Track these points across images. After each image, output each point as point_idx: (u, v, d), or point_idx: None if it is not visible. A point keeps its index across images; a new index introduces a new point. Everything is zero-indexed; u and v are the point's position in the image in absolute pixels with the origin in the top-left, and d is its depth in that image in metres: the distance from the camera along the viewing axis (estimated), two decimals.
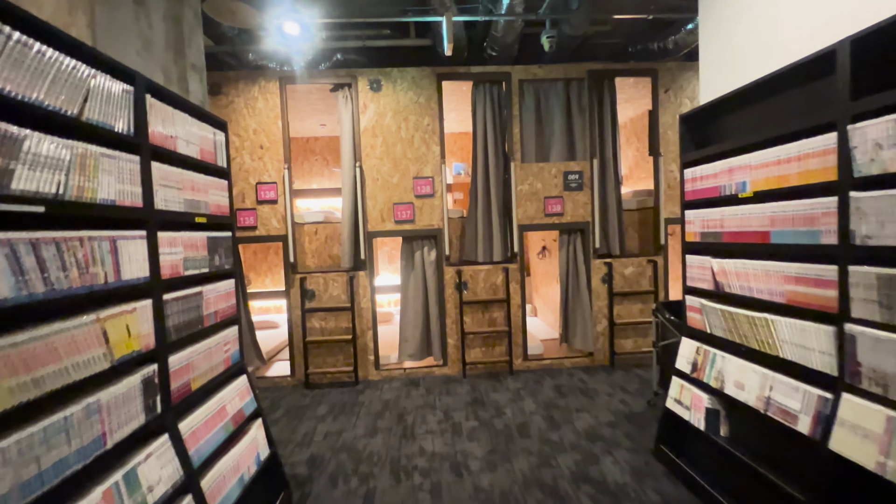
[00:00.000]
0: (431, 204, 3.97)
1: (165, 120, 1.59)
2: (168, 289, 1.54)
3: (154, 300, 1.45)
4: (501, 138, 4.03)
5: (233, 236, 2.06)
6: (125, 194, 1.35)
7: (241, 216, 3.84)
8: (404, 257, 4.04)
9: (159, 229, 1.49)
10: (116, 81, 1.34)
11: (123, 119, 1.37)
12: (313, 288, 3.91)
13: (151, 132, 1.49)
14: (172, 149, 1.62)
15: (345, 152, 3.89)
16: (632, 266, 4.11)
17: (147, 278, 1.43)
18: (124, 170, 1.35)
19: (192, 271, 1.69)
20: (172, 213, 1.59)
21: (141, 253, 1.40)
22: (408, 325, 4.02)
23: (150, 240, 1.44)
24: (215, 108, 3.79)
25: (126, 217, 1.36)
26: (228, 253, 2.02)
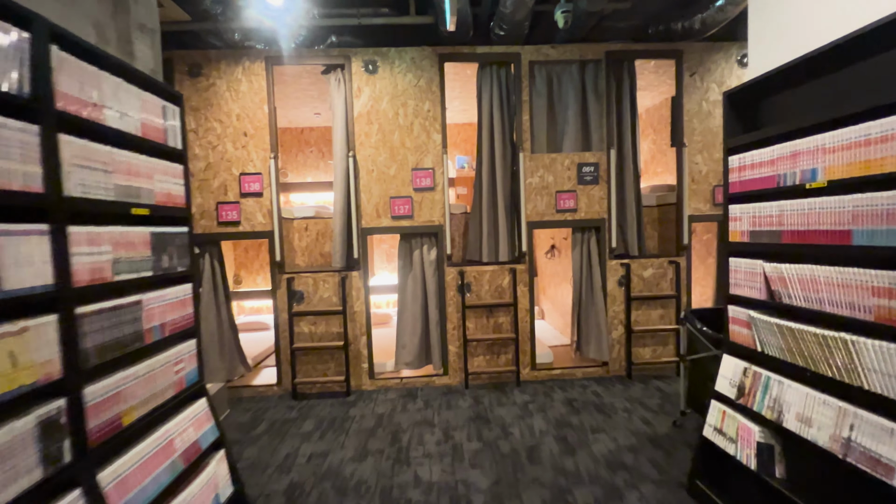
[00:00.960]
0: (432, 198, 3.61)
1: (86, 82, 1.24)
2: (84, 299, 1.20)
3: (61, 315, 1.11)
4: (509, 126, 3.67)
5: (190, 232, 1.71)
6: (13, 175, 1.01)
7: (223, 210, 3.50)
8: (402, 256, 3.69)
9: (71, 223, 1.15)
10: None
11: (11, 75, 1.02)
12: (302, 289, 3.58)
13: (60, 95, 1.15)
14: (97, 120, 1.28)
15: (337, 140, 3.54)
16: (651, 268, 3.74)
17: (50, 287, 1.08)
18: (12, 142, 1.01)
19: (126, 276, 1.35)
20: (95, 202, 1.25)
21: (40, 254, 1.06)
22: (405, 331, 3.67)
23: (55, 236, 1.10)
24: (195, 92, 3.45)
25: (12, 205, 1.02)
26: (184, 252, 1.68)
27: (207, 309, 3.52)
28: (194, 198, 3.49)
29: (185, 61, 3.43)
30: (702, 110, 3.72)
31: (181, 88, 3.43)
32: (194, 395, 1.69)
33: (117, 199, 1.32)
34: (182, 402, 1.60)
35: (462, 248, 3.89)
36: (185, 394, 1.62)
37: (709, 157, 3.74)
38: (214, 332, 3.56)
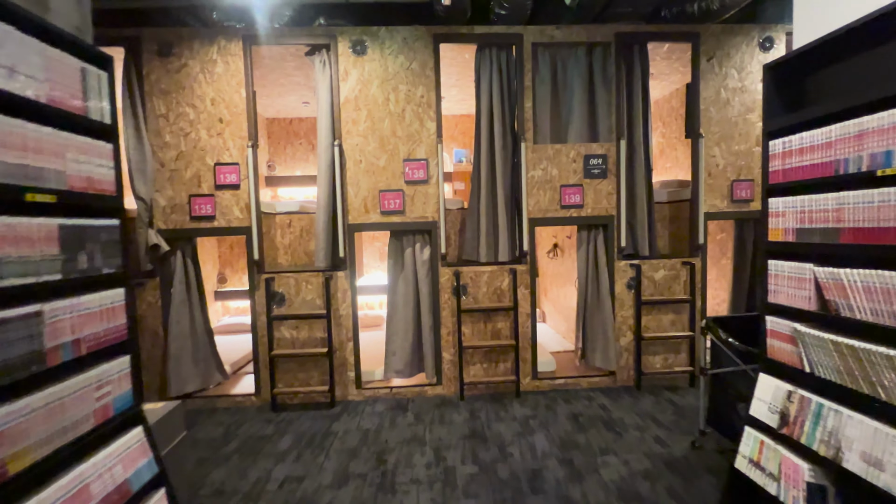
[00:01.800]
0: (425, 192, 3.31)
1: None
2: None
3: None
4: (510, 114, 3.36)
5: (121, 226, 1.41)
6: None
7: (197, 203, 3.19)
8: (392, 255, 3.39)
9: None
10: None
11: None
12: (283, 290, 3.27)
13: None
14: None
15: (321, 128, 3.24)
16: (663, 269, 3.45)
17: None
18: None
19: (15, 280, 1.05)
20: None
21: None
22: (396, 337, 3.38)
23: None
24: (165, 73, 3.14)
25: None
26: (113, 250, 1.38)
27: (179, 312, 3.22)
28: (165, 190, 3.18)
29: (154, 40, 3.12)
30: (719, 98, 3.42)
31: (150, 70, 3.12)
32: (126, 424, 1.40)
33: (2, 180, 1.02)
34: (107, 435, 1.31)
35: (458, 247, 3.59)
36: (113, 424, 1.33)
37: (726, 149, 3.44)
38: (187, 336, 3.26)
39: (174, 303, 3.20)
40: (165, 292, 3.21)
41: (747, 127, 3.44)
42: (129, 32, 3.09)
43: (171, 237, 3.19)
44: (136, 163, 3.08)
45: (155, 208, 3.18)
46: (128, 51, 3.09)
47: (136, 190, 3.08)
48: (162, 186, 3.18)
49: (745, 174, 3.45)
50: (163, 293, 3.21)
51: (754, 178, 3.45)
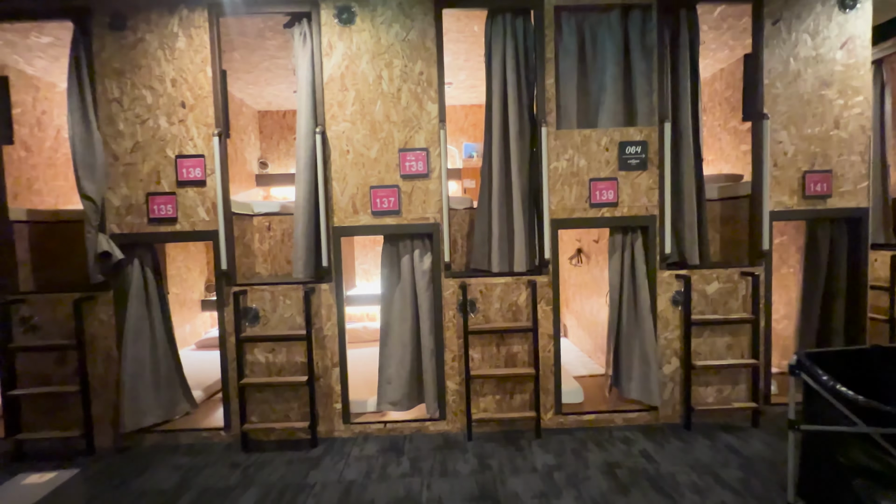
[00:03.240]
0: (425, 188, 2.75)
1: None
2: None
3: None
4: (528, 94, 2.79)
5: None
6: None
7: (155, 203, 2.70)
8: (386, 264, 2.84)
9: None
10: None
11: None
12: (256, 306, 2.76)
13: None
14: None
15: (301, 114, 2.71)
16: (717, 281, 2.81)
17: None
18: None
19: None
20: None
21: None
22: (391, 361, 2.82)
23: None
24: (118, 50, 2.66)
25: None
26: None
27: (136, 331, 2.73)
28: (118, 187, 2.70)
29: (106, 11, 2.64)
30: (788, 71, 2.77)
31: (102, 46, 2.65)
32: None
33: None
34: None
35: (466, 254, 3.01)
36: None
37: (797, 133, 2.79)
38: (145, 360, 2.76)
39: (129, 320, 2.71)
40: (121, 308, 2.72)
41: (823, 106, 2.79)
42: (78, 2, 2.63)
43: (127, 243, 2.70)
44: (83, 156, 2.60)
45: (107, 209, 2.70)
46: (76, 24, 2.63)
47: (83, 188, 2.61)
48: (115, 183, 2.70)
49: (821, 164, 2.80)
50: (117, 309, 2.73)
51: (832, 168, 2.79)
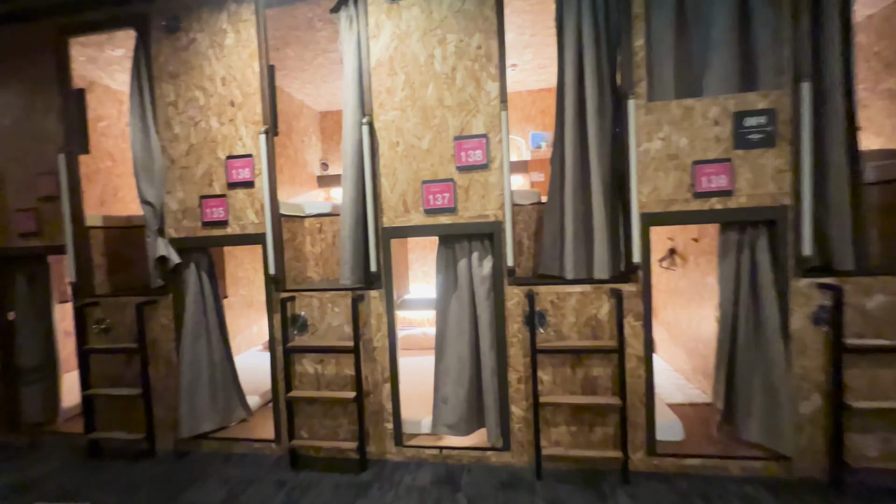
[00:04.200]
0: (484, 181, 2.37)
1: None
2: None
3: None
4: (609, 62, 2.28)
5: None
6: None
7: (208, 206, 2.64)
8: (441, 269, 2.50)
9: None
10: None
11: None
12: (305, 314, 2.58)
13: None
14: None
15: (347, 103, 2.48)
16: (882, 293, 2.07)
17: None
18: None
19: None
20: None
21: None
22: (446, 379, 2.48)
23: None
24: (173, 53, 2.63)
25: None
26: None
27: (193, 336, 2.70)
28: (175, 191, 2.69)
29: (161, 15, 2.63)
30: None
31: (159, 50, 2.65)
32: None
33: None
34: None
35: (533, 258, 2.58)
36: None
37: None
38: (203, 364, 2.73)
39: (186, 325, 2.68)
40: (179, 312, 2.71)
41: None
42: (138, 9, 2.65)
43: (184, 247, 2.68)
44: (142, 161, 2.62)
45: (166, 213, 2.70)
46: (137, 31, 2.65)
47: (143, 193, 2.62)
48: (173, 187, 2.69)
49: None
50: (176, 313, 2.72)
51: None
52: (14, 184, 2.87)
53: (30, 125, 2.81)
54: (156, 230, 2.65)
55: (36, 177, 2.82)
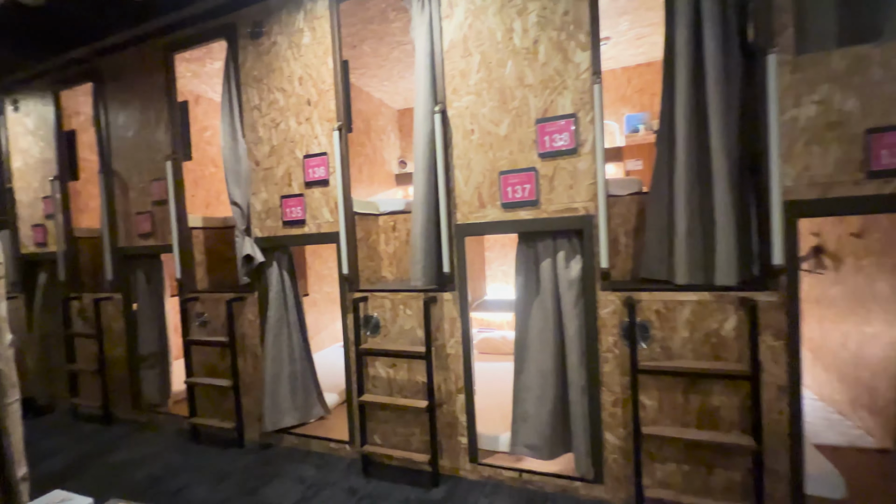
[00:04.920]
0: (572, 168, 2.04)
1: None
2: None
3: None
4: (737, 8, 1.80)
5: None
6: None
7: (287, 206, 2.68)
8: (521, 270, 2.22)
9: None
10: None
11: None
12: (377, 315, 2.49)
13: None
14: None
15: (419, 91, 2.31)
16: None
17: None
18: None
19: None
20: None
21: None
22: (527, 394, 2.20)
23: None
24: (257, 58, 2.71)
25: None
26: None
27: (275, 333, 2.77)
28: (259, 192, 2.77)
29: (246, 22, 2.73)
30: None
31: (245, 57, 2.75)
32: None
33: None
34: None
35: (632, 258, 2.18)
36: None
37: None
38: (284, 360, 2.79)
39: (269, 321, 2.76)
40: (263, 309, 2.81)
41: None
42: (226, 20, 2.78)
43: (267, 246, 2.76)
44: (230, 164, 2.74)
45: (252, 213, 2.80)
46: (227, 41, 2.79)
47: (231, 194, 2.75)
48: (257, 188, 2.78)
49: None
50: (261, 310, 2.82)
51: None
52: (135, 190, 3.22)
53: (145, 136, 3.13)
54: (243, 230, 2.76)
55: (150, 183, 3.13)
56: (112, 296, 3.38)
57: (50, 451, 2.96)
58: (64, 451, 2.93)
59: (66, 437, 3.18)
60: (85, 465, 2.74)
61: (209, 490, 2.36)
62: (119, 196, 3.29)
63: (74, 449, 2.97)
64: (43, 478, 2.60)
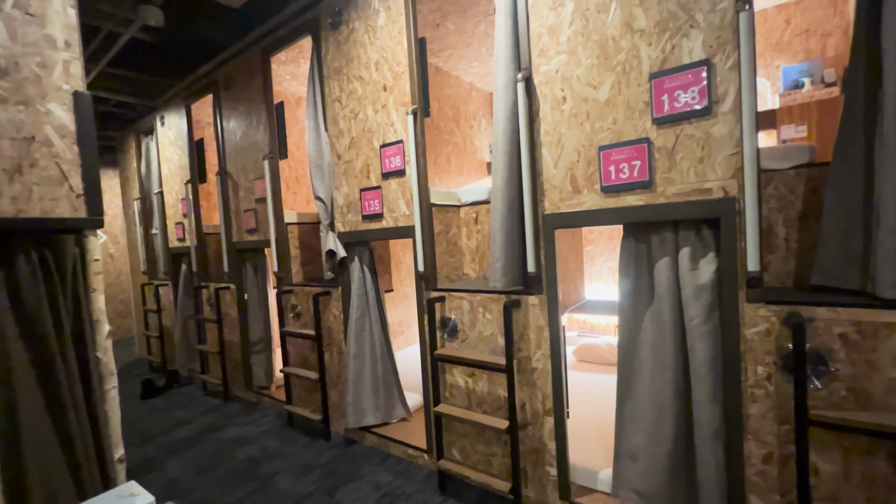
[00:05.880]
0: (703, 135, 1.50)
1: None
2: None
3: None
4: None
5: None
6: None
7: (366, 199, 2.58)
8: (629, 272, 1.75)
9: None
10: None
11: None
12: (454, 318, 2.24)
13: None
14: None
15: (499, 59, 1.96)
16: None
17: None
18: None
19: None
20: None
21: None
22: (635, 427, 1.74)
23: None
24: (337, 49, 2.65)
25: None
26: None
27: (358, 329, 2.72)
28: (341, 186, 2.73)
29: (327, 13, 2.68)
30: None
31: (327, 50, 2.71)
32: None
33: None
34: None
35: (796, 256, 1.55)
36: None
37: None
38: (366, 358, 2.73)
39: (351, 318, 2.72)
40: (346, 305, 2.78)
41: None
42: (310, 14, 2.77)
43: (348, 241, 2.71)
44: (314, 158, 2.74)
45: (335, 208, 2.78)
46: (312, 36, 2.78)
47: (315, 189, 2.75)
48: (339, 182, 2.74)
49: None
50: (345, 306, 2.80)
51: None
52: (243, 189, 3.48)
53: (249, 138, 3.34)
54: (327, 224, 2.76)
55: (253, 182, 3.34)
56: (229, 286, 3.74)
57: (181, 420, 3.39)
58: (191, 423, 3.32)
59: (195, 408, 3.62)
60: (204, 438, 3.05)
61: (293, 482, 2.39)
62: (231, 195, 3.60)
63: (198, 421, 3.34)
64: (174, 444, 2.96)
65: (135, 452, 2.90)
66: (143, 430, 3.25)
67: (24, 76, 1.42)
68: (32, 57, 1.44)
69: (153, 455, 2.84)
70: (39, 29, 1.47)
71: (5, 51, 1.38)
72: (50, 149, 1.47)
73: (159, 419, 3.45)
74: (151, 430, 3.24)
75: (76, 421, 1.51)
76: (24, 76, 1.42)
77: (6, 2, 1.40)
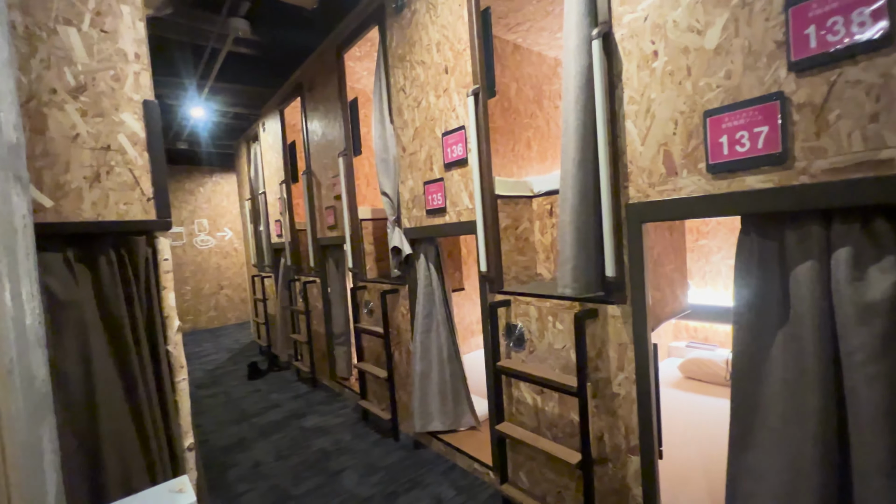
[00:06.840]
0: (881, 76, 0.99)
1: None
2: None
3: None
4: None
5: None
6: None
7: (429, 192, 2.42)
8: (749, 278, 1.29)
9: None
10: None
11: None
12: (522, 325, 1.96)
13: None
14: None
15: (569, 11, 1.60)
16: None
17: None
18: None
19: None
20: None
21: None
22: (758, 486, 1.29)
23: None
24: (401, 34, 2.51)
25: None
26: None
27: (424, 329, 2.59)
28: (406, 180, 2.61)
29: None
30: None
31: (392, 37, 2.60)
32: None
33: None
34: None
35: None
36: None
37: None
38: (433, 360, 2.60)
39: (418, 318, 2.60)
40: (413, 304, 2.67)
41: None
42: (377, 3, 2.68)
43: (413, 237, 2.59)
44: (379, 152, 2.66)
45: (401, 203, 2.67)
46: (378, 26, 2.70)
47: (381, 184, 2.68)
48: (405, 176, 2.62)
49: None
50: (411, 304, 2.69)
51: None
52: (324, 187, 3.60)
53: (327, 136, 3.42)
54: (394, 220, 2.67)
55: (332, 179, 3.42)
56: (315, 279, 3.93)
57: (274, 403, 3.66)
58: (281, 407, 3.57)
59: (287, 393, 3.90)
60: (288, 423, 3.24)
61: (358, 481, 2.37)
62: (315, 193, 3.75)
63: (287, 406, 3.58)
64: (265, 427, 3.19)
65: (233, 431, 3.19)
66: (244, 410, 3.59)
67: (100, 90, 1.52)
68: (107, 71, 1.54)
69: (246, 435, 3.09)
70: (113, 44, 1.56)
71: (84, 67, 1.48)
72: (123, 156, 1.56)
73: (257, 400, 3.79)
74: (249, 411, 3.56)
75: (149, 409, 1.61)
76: (100, 90, 1.52)
77: (84, 22, 1.51)
